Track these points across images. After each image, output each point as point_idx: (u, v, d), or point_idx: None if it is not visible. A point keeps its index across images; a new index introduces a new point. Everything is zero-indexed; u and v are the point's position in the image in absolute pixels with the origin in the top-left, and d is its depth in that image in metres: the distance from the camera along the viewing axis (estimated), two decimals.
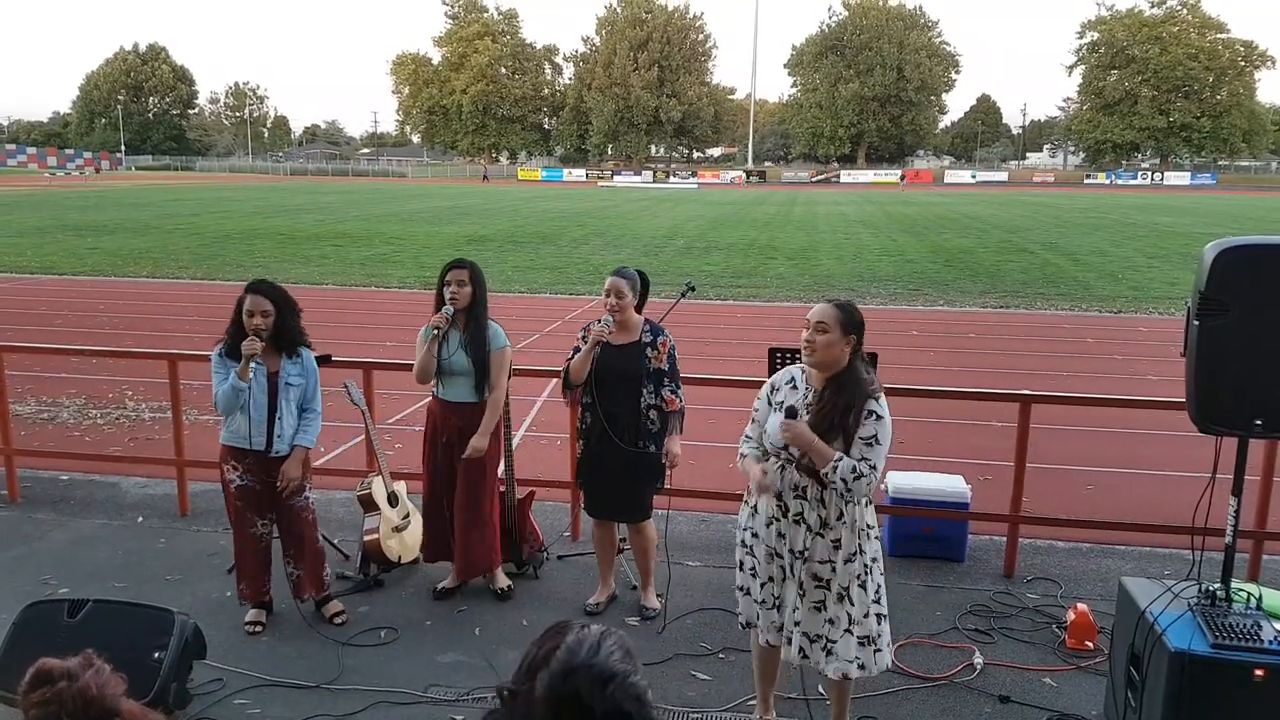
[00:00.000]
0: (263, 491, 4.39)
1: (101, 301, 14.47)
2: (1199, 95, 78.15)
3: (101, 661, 1.77)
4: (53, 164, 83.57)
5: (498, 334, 4.66)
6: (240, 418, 4.30)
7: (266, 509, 4.44)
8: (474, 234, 26.35)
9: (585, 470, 4.56)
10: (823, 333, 3.23)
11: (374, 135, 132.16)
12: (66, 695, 1.65)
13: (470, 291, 4.55)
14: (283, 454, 4.37)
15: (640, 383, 4.37)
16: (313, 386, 4.46)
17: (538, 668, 1.48)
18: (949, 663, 4.18)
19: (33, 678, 1.72)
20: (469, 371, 4.57)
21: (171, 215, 32.03)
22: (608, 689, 1.43)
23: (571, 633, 1.52)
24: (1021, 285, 16.96)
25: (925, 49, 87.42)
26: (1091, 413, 7.69)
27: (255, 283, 4.34)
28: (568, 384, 4.48)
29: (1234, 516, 3.37)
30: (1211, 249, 3.16)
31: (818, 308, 3.31)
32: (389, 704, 3.82)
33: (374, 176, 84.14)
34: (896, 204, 42.97)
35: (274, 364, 4.33)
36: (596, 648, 1.48)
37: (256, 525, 4.43)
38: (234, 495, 4.40)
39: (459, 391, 4.61)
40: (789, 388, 3.37)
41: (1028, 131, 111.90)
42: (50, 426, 7.91)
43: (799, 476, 3.28)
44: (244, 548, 4.45)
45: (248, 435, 4.30)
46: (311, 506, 4.54)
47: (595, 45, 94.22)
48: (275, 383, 4.32)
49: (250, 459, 4.35)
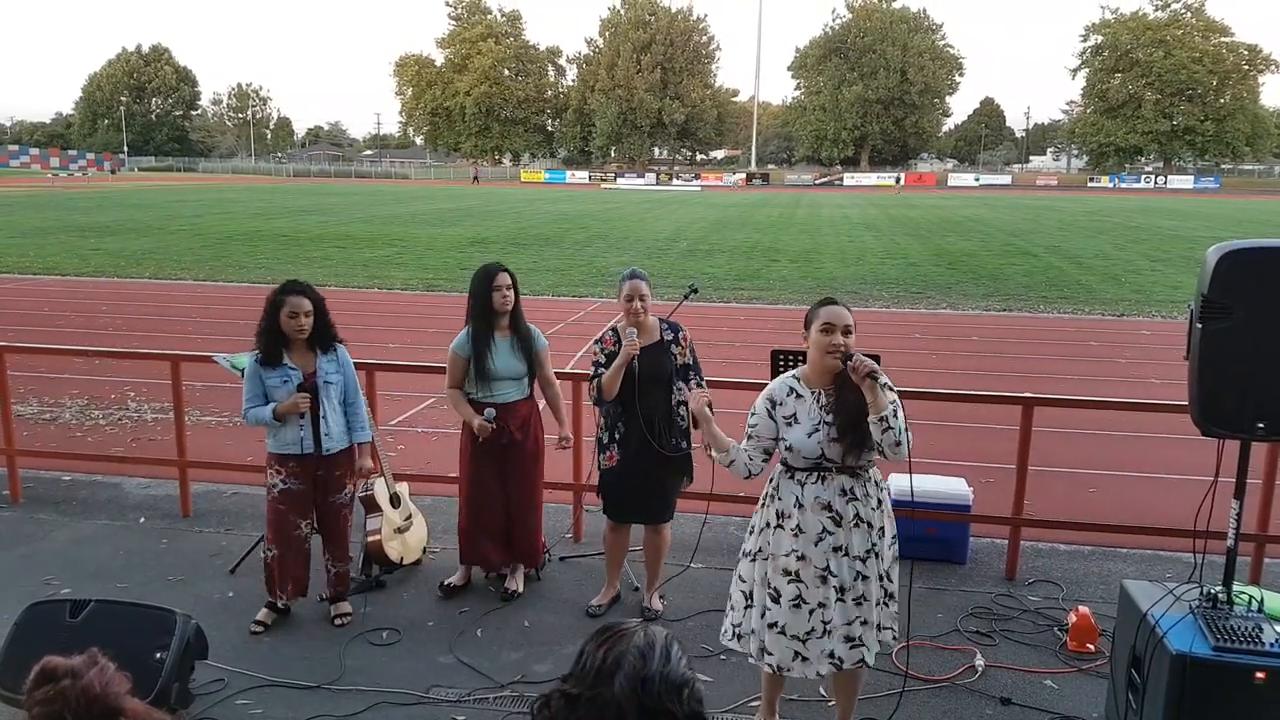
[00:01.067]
0: (307, 493, 4.41)
1: (104, 302, 14.49)
2: (1203, 99, 78.10)
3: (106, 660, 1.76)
4: (55, 165, 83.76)
5: (538, 335, 4.77)
6: (286, 426, 4.31)
7: (309, 510, 4.46)
8: (477, 236, 26.37)
9: (619, 477, 4.47)
10: (850, 333, 3.23)
11: (377, 137, 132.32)
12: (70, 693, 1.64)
13: (515, 295, 4.64)
14: (333, 451, 4.40)
15: (671, 382, 4.41)
16: (351, 380, 4.49)
17: (608, 672, 1.46)
18: (950, 665, 4.18)
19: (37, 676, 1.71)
20: (521, 374, 4.64)
21: (174, 216, 32.09)
22: (683, 694, 1.47)
23: (637, 636, 1.51)
24: (1024, 288, 16.95)
25: (929, 52, 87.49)
26: (1094, 416, 7.69)
27: (290, 283, 4.34)
28: (599, 400, 4.42)
29: (1236, 519, 3.36)
30: (1214, 252, 3.16)
31: (836, 310, 3.25)
32: (391, 704, 3.82)
33: (377, 178, 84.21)
34: (899, 207, 42.96)
35: (310, 364, 4.33)
36: (668, 654, 1.50)
37: (301, 527, 4.45)
38: (277, 499, 4.39)
39: (509, 392, 4.64)
40: (792, 398, 3.32)
41: (1031, 135, 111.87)
42: (53, 427, 7.93)
43: (845, 479, 3.27)
44: (286, 549, 4.43)
45: (298, 441, 4.31)
46: (350, 504, 4.59)
47: (599, 47, 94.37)
48: (315, 384, 4.31)
49: (296, 463, 4.35)
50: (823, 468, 3.27)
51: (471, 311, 4.61)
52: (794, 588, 3.26)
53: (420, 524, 5.17)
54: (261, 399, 4.30)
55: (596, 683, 1.44)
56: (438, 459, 6.61)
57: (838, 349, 3.19)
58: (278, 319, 4.23)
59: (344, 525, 4.56)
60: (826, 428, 3.26)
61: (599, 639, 1.50)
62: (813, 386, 3.32)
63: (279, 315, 4.22)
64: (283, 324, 4.23)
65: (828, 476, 3.27)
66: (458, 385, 4.69)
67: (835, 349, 3.19)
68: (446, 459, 5.31)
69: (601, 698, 1.43)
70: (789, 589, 3.27)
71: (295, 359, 4.31)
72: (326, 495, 4.47)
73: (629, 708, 1.42)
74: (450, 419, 5.27)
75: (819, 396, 3.30)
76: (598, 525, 5.11)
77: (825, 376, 3.29)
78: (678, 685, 1.46)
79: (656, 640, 1.50)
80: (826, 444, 3.25)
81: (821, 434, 3.25)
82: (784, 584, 3.28)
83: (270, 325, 4.25)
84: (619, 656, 1.46)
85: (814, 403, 3.29)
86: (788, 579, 3.28)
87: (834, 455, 3.25)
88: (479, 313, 4.58)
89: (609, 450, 4.48)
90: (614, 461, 4.47)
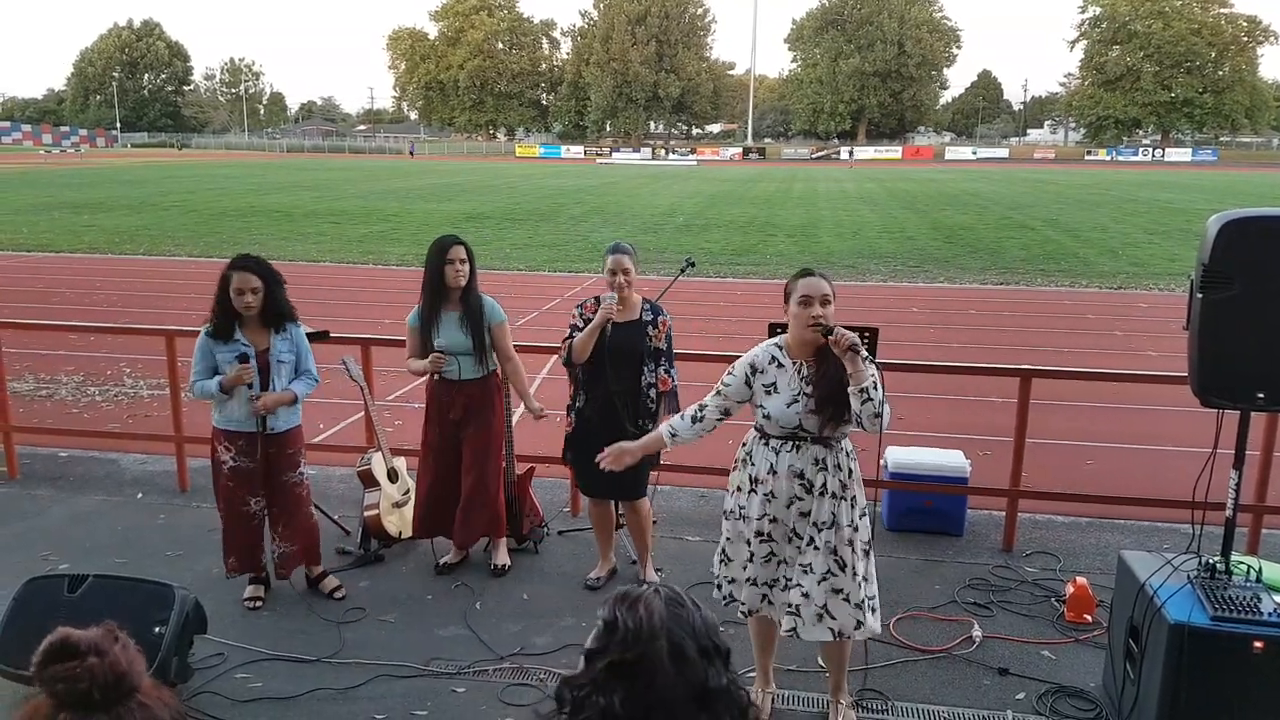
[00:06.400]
0: (256, 470, 4.35)
1: (99, 279, 14.42)
2: (1201, 71, 77.60)
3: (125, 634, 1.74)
4: (48, 141, 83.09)
5: (494, 307, 4.67)
6: (233, 401, 4.26)
7: (259, 487, 4.39)
8: (473, 211, 26.24)
9: (579, 448, 4.46)
10: (828, 303, 3.23)
11: (371, 112, 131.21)
12: (97, 670, 1.61)
13: (469, 269, 4.55)
14: (278, 430, 4.34)
15: (642, 361, 4.36)
16: (304, 356, 4.41)
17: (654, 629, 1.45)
18: (948, 635, 4.19)
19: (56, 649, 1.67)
20: (470, 350, 4.56)
21: (168, 193, 31.86)
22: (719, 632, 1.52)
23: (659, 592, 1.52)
24: (1022, 262, 16.92)
25: (926, 24, 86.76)
26: (1091, 387, 7.68)
27: (240, 258, 4.25)
28: (568, 363, 4.43)
29: (1234, 490, 3.37)
30: (1215, 221, 3.14)
31: (814, 281, 3.26)
32: (390, 677, 3.83)
33: (371, 154, 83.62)
34: (897, 180, 42.78)
35: (263, 341, 4.26)
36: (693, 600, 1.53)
37: (250, 504, 4.39)
38: (226, 476, 4.35)
39: (458, 368, 4.59)
40: (774, 367, 3.34)
41: (1029, 108, 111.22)
42: (49, 403, 7.90)
43: (817, 449, 3.29)
44: (234, 525, 4.40)
45: (241, 419, 4.27)
46: (306, 483, 4.53)
47: (593, 20, 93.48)
48: (266, 361, 4.26)
49: (244, 439, 4.31)
50: (798, 437, 3.30)
51: (424, 284, 4.57)
52: (766, 546, 3.38)
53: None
54: (210, 373, 4.23)
55: (648, 640, 1.43)
56: None
57: (817, 321, 3.19)
58: (228, 293, 4.17)
59: (294, 504, 4.45)
60: (806, 399, 3.27)
61: (624, 604, 1.50)
62: (794, 358, 3.33)
63: (229, 290, 4.17)
64: (232, 299, 4.17)
65: (802, 446, 3.30)
66: (416, 356, 4.66)
67: (814, 321, 3.19)
68: None
69: (657, 652, 1.42)
70: (761, 548, 3.38)
71: (249, 335, 4.24)
72: (279, 474, 4.40)
73: (690, 652, 1.44)
74: None
75: (800, 368, 3.31)
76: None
77: (806, 348, 3.30)
78: (715, 625, 1.51)
79: (677, 592, 1.53)
80: (805, 415, 3.27)
81: (800, 405, 3.28)
82: (758, 544, 3.39)
83: (222, 299, 4.19)
84: (659, 612, 1.46)
85: (795, 373, 3.31)
86: (760, 539, 3.39)
87: (811, 426, 3.27)
88: (430, 287, 4.53)
89: (569, 415, 4.52)
90: (570, 427, 4.50)
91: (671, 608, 1.48)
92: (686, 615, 1.48)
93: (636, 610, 1.46)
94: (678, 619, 1.47)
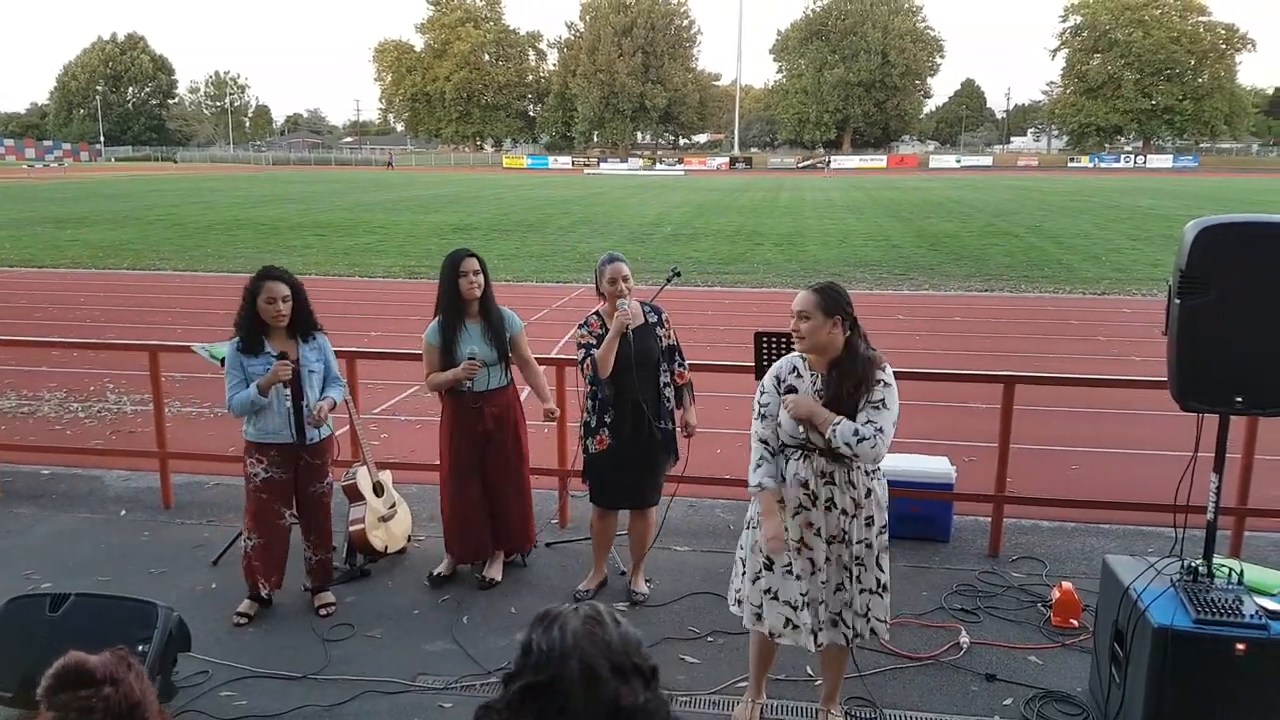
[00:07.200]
0: (288, 482, 4.38)
1: (82, 294, 14.32)
2: (1181, 78, 78.53)
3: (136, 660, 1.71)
4: (31, 156, 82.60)
5: (512, 317, 4.74)
6: (267, 413, 4.26)
7: (290, 499, 4.42)
8: (459, 222, 26.22)
9: (610, 463, 4.42)
10: (805, 320, 3.26)
11: (357, 124, 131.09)
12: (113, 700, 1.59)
13: (484, 280, 4.59)
14: (314, 441, 4.37)
15: (659, 363, 4.41)
16: (332, 366, 4.47)
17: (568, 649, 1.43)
18: (935, 642, 4.20)
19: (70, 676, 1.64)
20: (494, 360, 4.59)
21: (152, 206, 31.71)
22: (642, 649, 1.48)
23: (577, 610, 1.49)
24: (1006, 268, 17.02)
25: (910, 34, 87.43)
26: (1075, 393, 7.72)
27: (269, 269, 4.29)
28: (595, 379, 4.35)
29: (1215, 493, 3.39)
30: (1192, 227, 3.17)
31: (798, 296, 3.32)
32: (377, 694, 3.81)
33: (357, 165, 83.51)
34: (882, 189, 42.99)
35: (292, 351, 4.28)
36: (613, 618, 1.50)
37: (284, 516, 4.42)
38: (259, 488, 4.35)
39: (489, 380, 4.60)
40: (794, 377, 3.37)
41: (1012, 116, 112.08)
42: (31, 420, 7.84)
43: (825, 462, 3.29)
44: (269, 538, 4.40)
45: (277, 430, 4.28)
46: (330, 491, 4.56)
47: (579, 31, 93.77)
48: (297, 371, 4.26)
49: (277, 451, 4.32)
50: (806, 447, 3.31)
51: (440, 300, 4.58)
52: (785, 556, 3.33)
53: (404, 512, 5.15)
54: (244, 386, 4.24)
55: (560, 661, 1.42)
56: (421, 447, 6.57)
57: (797, 335, 3.29)
58: (256, 306, 4.19)
59: (325, 514, 4.53)
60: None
61: (540, 625, 1.48)
62: (814, 369, 3.36)
63: (257, 302, 4.18)
64: (261, 310, 4.18)
65: (810, 456, 3.31)
66: (437, 370, 4.66)
67: (796, 335, 3.30)
68: (429, 447, 5.28)
69: (570, 672, 1.40)
70: (780, 557, 3.33)
71: (277, 346, 4.26)
72: (308, 484, 4.44)
73: (602, 671, 1.41)
74: (432, 407, 5.24)
75: (816, 380, 3.33)
76: (583, 510, 5.11)
77: (821, 361, 3.32)
78: (635, 641, 1.47)
79: (598, 609, 1.50)
80: (809, 426, 3.28)
81: None
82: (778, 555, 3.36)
83: (249, 312, 4.21)
84: (572, 633, 1.44)
85: (811, 385, 3.33)
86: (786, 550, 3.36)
87: (815, 438, 3.28)
88: (447, 301, 4.55)
89: (598, 434, 4.42)
90: (604, 445, 4.41)
91: (588, 625, 1.45)
92: (602, 633, 1.45)
93: (551, 631, 1.45)
94: (592, 637, 1.44)
